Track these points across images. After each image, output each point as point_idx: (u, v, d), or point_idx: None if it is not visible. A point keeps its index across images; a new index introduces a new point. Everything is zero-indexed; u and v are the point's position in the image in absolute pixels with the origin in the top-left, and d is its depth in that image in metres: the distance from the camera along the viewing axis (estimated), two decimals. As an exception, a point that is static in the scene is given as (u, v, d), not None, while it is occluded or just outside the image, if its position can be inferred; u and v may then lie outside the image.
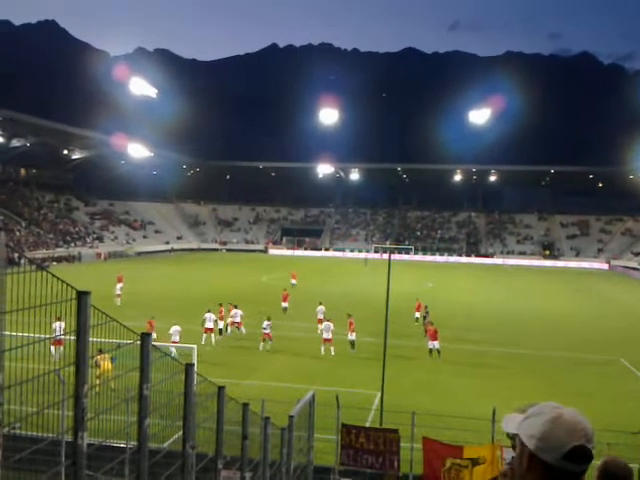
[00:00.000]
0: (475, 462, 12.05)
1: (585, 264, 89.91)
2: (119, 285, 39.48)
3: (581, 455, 1.86)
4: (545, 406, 1.99)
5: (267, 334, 26.73)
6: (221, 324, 29.36)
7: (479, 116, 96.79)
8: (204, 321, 27.89)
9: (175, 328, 24.81)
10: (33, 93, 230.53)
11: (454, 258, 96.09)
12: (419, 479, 12.65)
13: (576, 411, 1.97)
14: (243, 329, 29.88)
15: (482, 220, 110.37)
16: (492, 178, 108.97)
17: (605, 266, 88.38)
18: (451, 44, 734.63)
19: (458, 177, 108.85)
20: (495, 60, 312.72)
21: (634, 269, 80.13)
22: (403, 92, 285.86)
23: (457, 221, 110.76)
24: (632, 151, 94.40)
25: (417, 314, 33.65)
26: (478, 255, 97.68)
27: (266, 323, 26.75)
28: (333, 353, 25.87)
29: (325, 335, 26.27)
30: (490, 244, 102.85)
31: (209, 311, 28.40)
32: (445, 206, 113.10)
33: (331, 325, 26.29)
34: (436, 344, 25.78)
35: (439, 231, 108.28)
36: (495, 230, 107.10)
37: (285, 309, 36.53)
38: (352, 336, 26.67)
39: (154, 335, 24.75)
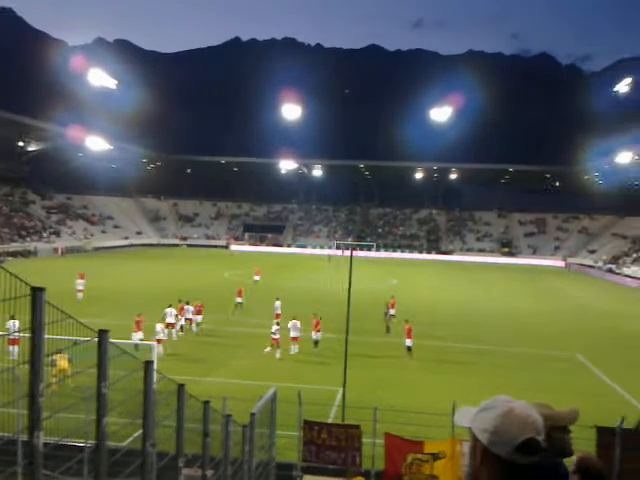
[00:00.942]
0: (436, 457, 12.18)
1: (542, 261, 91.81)
2: (81, 281, 38.95)
3: (532, 447, 1.89)
4: (496, 400, 2.01)
5: (276, 339, 25.53)
6: (182, 320, 29.13)
7: (440, 114, 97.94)
8: (165, 316, 27.59)
9: (159, 326, 24.85)
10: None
11: (415, 255, 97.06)
12: (381, 475, 12.72)
13: (526, 404, 2.01)
14: (194, 327, 29.67)
15: (443, 217, 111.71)
16: (453, 176, 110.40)
17: (562, 264, 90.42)
18: (414, 42, 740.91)
19: (419, 175, 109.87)
20: (457, 59, 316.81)
21: (590, 267, 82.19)
22: (366, 89, 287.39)
23: (418, 218, 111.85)
24: (587, 151, 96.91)
25: (392, 311, 33.78)
26: (438, 252, 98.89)
27: (275, 328, 25.78)
28: (297, 351, 25.76)
29: (292, 334, 25.96)
30: (450, 241, 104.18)
31: (170, 306, 28.13)
32: (406, 203, 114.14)
33: (298, 323, 26.04)
34: (409, 342, 25.90)
35: (400, 228, 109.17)
36: (455, 227, 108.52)
37: (240, 304, 36.37)
38: (317, 335, 26.47)
39: (141, 335, 24.38)
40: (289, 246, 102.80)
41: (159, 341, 24.50)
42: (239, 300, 36.67)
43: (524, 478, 1.92)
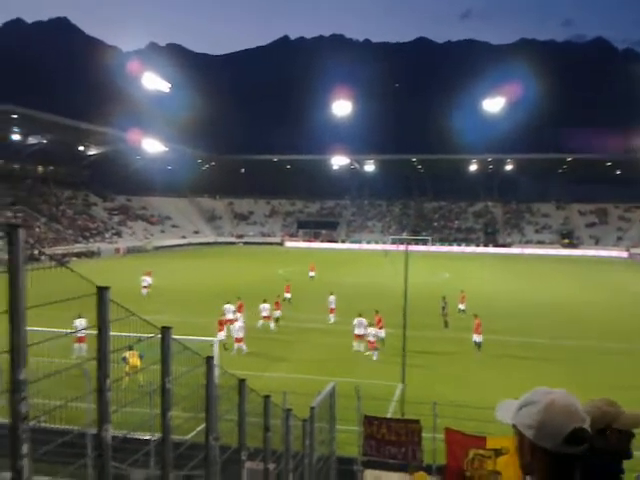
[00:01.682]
0: (498, 452, 11.97)
1: (604, 252, 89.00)
2: (147, 278, 40.72)
3: (579, 437, 1.88)
4: (536, 393, 2.01)
5: (372, 343, 24.70)
6: (240, 316, 29.46)
7: (493, 105, 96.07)
8: (223, 313, 28.10)
9: (239, 324, 25.10)
10: (47, 91, 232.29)
11: (472, 248, 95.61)
12: (442, 470, 12.60)
13: (567, 393, 2.00)
14: (272, 323, 29.87)
15: (499, 210, 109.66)
16: (508, 167, 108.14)
17: (624, 254, 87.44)
18: (463, 33, 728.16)
19: (474, 167, 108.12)
20: (508, 48, 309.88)
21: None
22: (416, 82, 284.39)
23: (474, 211, 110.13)
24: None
25: (461, 305, 33.46)
26: (496, 245, 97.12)
27: (371, 330, 24.91)
28: (363, 349, 25.28)
29: (357, 331, 25.55)
30: (508, 234, 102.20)
31: (228, 303, 28.62)
32: (461, 196, 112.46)
33: (364, 321, 25.62)
34: (477, 337, 25.51)
35: (456, 221, 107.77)
36: (512, 219, 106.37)
37: (288, 300, 36.68)
38: (381, 333, 25.81)
39: (222, 334, 24.90)
40: (343, 242, 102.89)
41: (239, 340, 24.85)
42: (287, 296, 37.03)
43: (575, 468, 1.92)
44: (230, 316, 28.11)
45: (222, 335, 25.03)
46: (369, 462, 13.30)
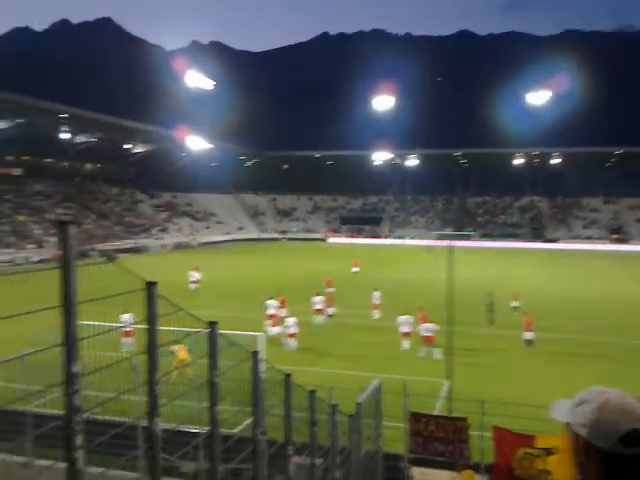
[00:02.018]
0: (549, 452, 11.70)
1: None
2: (194, 273, 41.70)
3: (635, 437, 1.83)
4: (591, 392, 1.97)
5: (428, 337, 24.02)
6: (283, 312, 29.59)
7: (538, 97, 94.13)
8: (266, 308, 28.28)
9: (291, 320, 25.11)
10: (94, 90, 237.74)
11: (518, 244, 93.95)
12: (490, 468, 12.40)
13: (622, 393, 1.95)
14: (321, 318, 29.91)
15: (545, 204, 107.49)
16: (554, 161, 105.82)
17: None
18: (506, 25, 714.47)
19: (519, 161, 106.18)
20: (553, 39, 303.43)
21: None
22: (458, 76, 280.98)
23: (519, 206, 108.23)
24: None
25: (514, 303, 33.08)
26: (542, 240, 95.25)
27: (430, 327, 24.07)
28: (408, 347, 24.94)
29: (404, 329, 25.17)
30: (555, 229, 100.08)
31: (271, 298, 28.79)
32: (506, 191, 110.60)
33: (410, 318, 25.33)
34: (529, 335, 25.05)
35: (501, 216, 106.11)
36: (559, 214, 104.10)
37: (330, 293, 36.67)
38: (425, 331, 25.13)
39: (278, 329, 25.04)
40: (386, 237, 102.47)
41: (292, 335, 24.88)
42: (330, 290, 37.02)
43: (631, 470, 1.86)
44: (272, 311, 28.29)
45: (277, 330, 25.13)
46: (416, 459, 13.19)
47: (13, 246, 61.52)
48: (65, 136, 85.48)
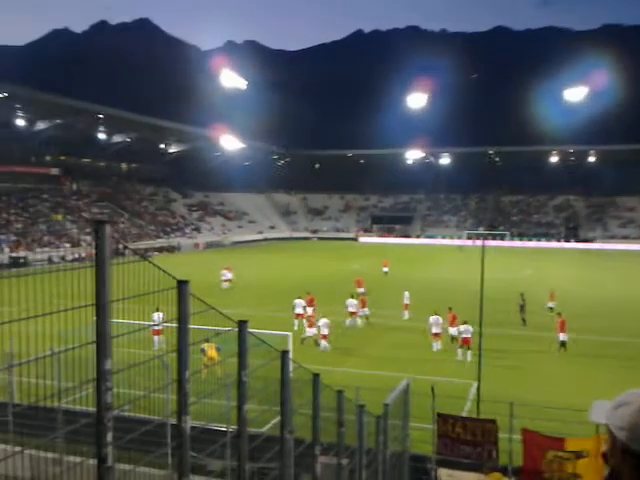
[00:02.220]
0: (579, 455, 11.57)
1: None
2: (227, 272, 42.38)
3: None
4: (630, 394, 1.93)
5: (466, 339, 23.50)
6: (310, 311, 29.55)
7: (575, 94, 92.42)
8: (294, 307, 28.38)
9: (324, 320, 24.93)
10: (130, 90, 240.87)
11: (552, 243, 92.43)
12: (519, 471, 12.30)
13: None
14: (358, 320, 29.70)
15: (581, 203, 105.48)
16: (591, 159, 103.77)
17: None
18: (543, 20, 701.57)
19: (554, 159, 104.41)
20: (591, 34, 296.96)
21: None
22: (494, 72, 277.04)
23: (554, 205, 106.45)
24: None
25: (551, 304, 32.63)
26: (578, 240, 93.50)
27: (464, 327, 23.58)
28: (441, 348, 24.83)
29: (434, 330, 25.01)
30: (590, 228, 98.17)
31: (299, 298, 28.85)
32: (541, 189, 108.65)
33: (440, 319, 25.13)
34: (562, 336, 24.60)
35: (535, 215, 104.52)
36: (595, 213, 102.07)
37: (362, 294, 36.56)
38: (454, 331, 25.23)
39: (314, 330, 25.04)
40: (418, 237, 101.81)
41: (324, 336, 24.80)
42: (360, 290, 36.98)
43: None
44: (300, 311, 28.35)
45: (312, 331, 25.23)
46: (443, 461, 13.14)
47: (50, 245, 62.86)
48: (102, 136, 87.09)
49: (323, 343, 24.86)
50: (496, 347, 23.93)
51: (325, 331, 24.79)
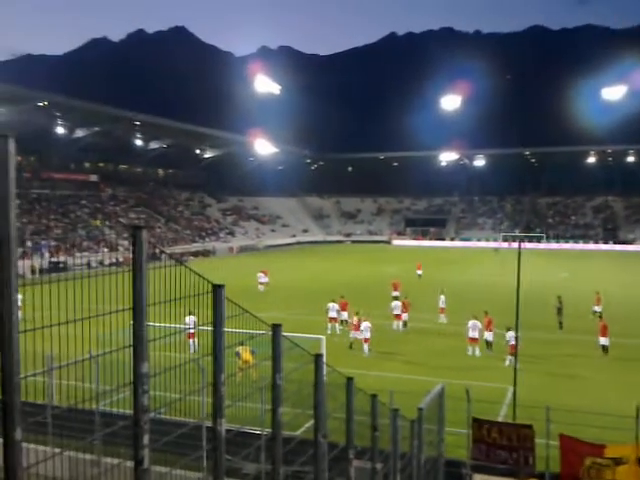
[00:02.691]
0: (618, 461, 11.33)
1: None
2: (263, 276, 43.14)
3: None
4: None
5: (512, 345, 22.07)
6: (344, 315, 29.49)
7: (614, 93, 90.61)
8: (327, 311, 28.38)
9: (366, 324, 24.88)
10: (166, 96, 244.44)
11: (590, 245, 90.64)
12: (556, 478, 12.09)
13: None
14: (401, 324, 29.49)
15: (620, 204, 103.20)
16: (630, 159, 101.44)
17: None
18: (581, 18, 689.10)
19: (592, 159, 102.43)
20: (631, 32, 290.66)
21: None
22: (530, 73, 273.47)
23: (592, 206, 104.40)
24: None
25: (597, 307, 31.96)
26: (616, 242, 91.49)
27: (510, 334, 22.38)
28: (478, 353, 24.52)
29: (472, 334, 24.69)
30: (630, 230, 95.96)
31: (333, 301, 28.85)
32: (578, 191, 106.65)
33: (478, 323, 24.75)
34: (603, 340, 24.16)
35: (573, 217, 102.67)
36: (635, 215, 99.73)
37: (396, 298, 36.37)
38: (490, 335, 24.94)
39: (358, 334, 24.99)
40: (452, 239, 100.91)
41: (366, 340, 24.70)
42: (395, 294, 36.79)
43: None
44: (333, 314, 28.35)
45: (356, 335, 25.19)
46: (478, 466, 13.00)
47: (89, 250, 64.11)
48: (139, 143, 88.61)
49: (366, 347, 24.74)
50: (532, 351, 23.60)
51: (367, 335, 24.66)
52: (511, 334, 22.60)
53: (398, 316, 29.29)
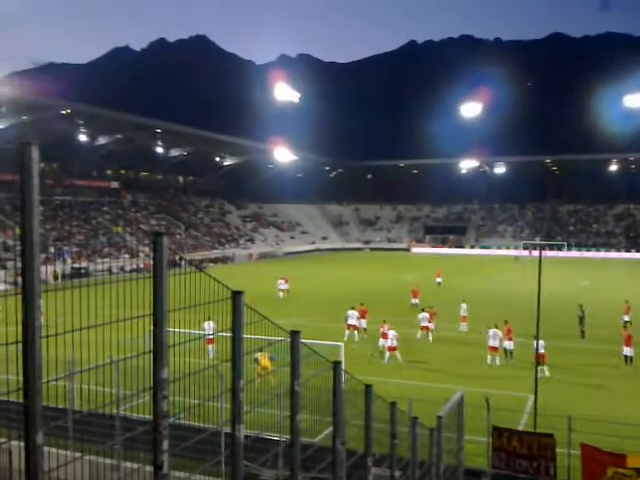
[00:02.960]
0: (641, 473, 11.15)
1: None
2: (283, 282, 43.42)
3: None
4: None
5: (542, 354, 21.75)
6: (363, 323, 29.36)
7: (636, 100, 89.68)
8: (347, 318, 28.33)
9: (393, 333, 24.66)
10: (187, 104, 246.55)
11: (612, 254, 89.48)
12: (578, 488, 11.94)
13: None
14: (429, 335, 28.73)
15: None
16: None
17: None
18: (602, 25, 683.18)
19: (614, 167, 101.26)
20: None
21: None
22: (551, 80, 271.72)
23: (614, 214, 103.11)
24: None
25: (626, 317, 31.32)
26: (639, 250, 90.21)
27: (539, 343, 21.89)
28: (498, 363, 24.28)
29: (492, 343, 24.37)
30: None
31: (352, 308, 28.81)
32: (600, 198, 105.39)
33: (499, 332, 24.50)
34: (629, 351, 23.75)
35: (594, 225, 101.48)
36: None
37: (415, 305, 36.27)
38: (510, 344, 24.65)
39: (385, 341, 24.69)
40: (472, 247, 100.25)
41: (394, 348, 24.42)
42: (415, 301, 36.65)
43: None
44: (353, 322, 28.28)
45: (385, 343, 24.85)
46: (498, 475, 12.87)
47: (110, 256, 64.73)
48: (160, 150, 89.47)
49: (388, 355, 24.51)
50: (554, 360, 23.30)
51: (394, 343, 24.44)
52: (541, 343, 22.37)
53: (425, 328, 28.58)
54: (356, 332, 28.48)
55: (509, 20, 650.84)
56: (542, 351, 22.10)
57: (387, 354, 24.61)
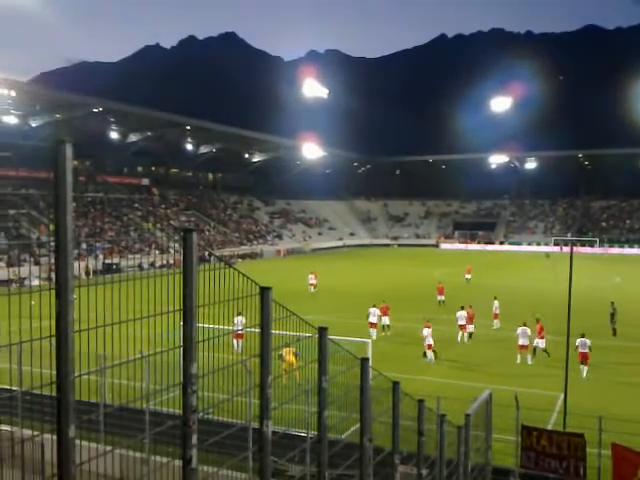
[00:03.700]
0: (674, 474, 10.94)
1: None
2: (313, 277, 44.29)
3: None
4: None
5: (583, 354, 22.06)
6: (386, 320, 29.03)
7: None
8: (368, 316, 28.19)
9: (427, 330, 24.36)
10: (217, 101, 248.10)
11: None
12: (609, 488, 11.76)
13: None
14: (466, 335, 28.00)
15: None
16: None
17: None
18: (636, 17, 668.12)
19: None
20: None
21: None
22: (583, 73, 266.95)
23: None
24: None
25: None
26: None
27: (580, 340, 22.03)
28: (530, 362, 23.92)
29: (521, 341, 24.02)
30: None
31: (374, 306, 28.63)
32: (634, 194, 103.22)
33: (528, 330, 24.09)
34: None
35: (627, 221, 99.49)
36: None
37: (441, 302, 36.00)
38: (542, 343, 24.26)
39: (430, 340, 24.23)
40: (502, 243, 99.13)
41: (429, 347, 24.16)
42: (441, 298, 36.38)
43: None
44: (373, 320, 28.06)
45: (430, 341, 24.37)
46: (526, 475, 12.74)
47: (141, 252, 65.53)
48: (189, 147, 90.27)
49: (429, 354, 24.28)
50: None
51: (430, 341, 24.11)
52: (581, 341, 21.97)
53: (463, 327, 27.79)
54: (374, 330, 27.95)
55: (540, 13, 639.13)
56: (586, 350, 21.88)
57: (429, 353, 24.21)
